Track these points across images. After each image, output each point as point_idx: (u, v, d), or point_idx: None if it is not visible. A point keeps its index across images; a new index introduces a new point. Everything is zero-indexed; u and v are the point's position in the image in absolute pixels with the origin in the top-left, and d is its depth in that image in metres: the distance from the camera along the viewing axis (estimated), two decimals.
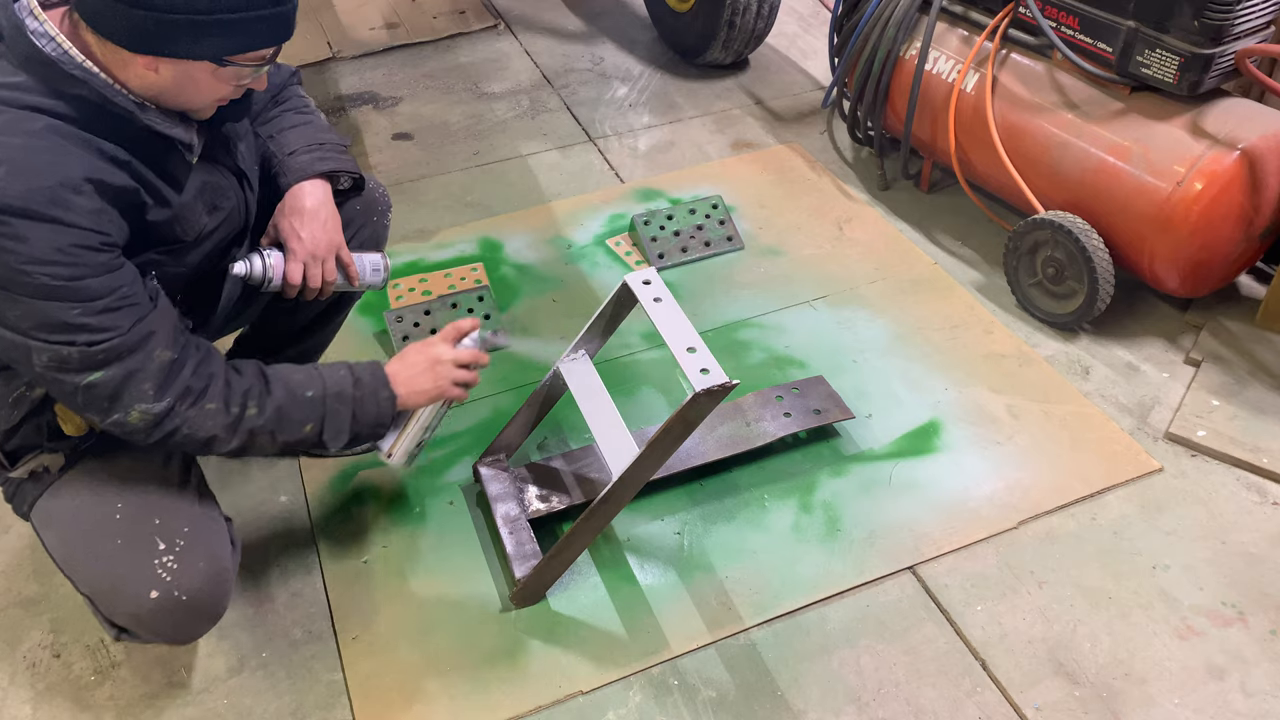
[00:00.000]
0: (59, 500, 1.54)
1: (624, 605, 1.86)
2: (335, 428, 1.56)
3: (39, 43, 1.27)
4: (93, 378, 1.34)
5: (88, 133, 1.30)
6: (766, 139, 3.25)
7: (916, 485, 2.07)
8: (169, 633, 1.55)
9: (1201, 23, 2.11)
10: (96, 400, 1.36)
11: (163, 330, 1.39)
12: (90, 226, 1.28)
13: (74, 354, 1.31)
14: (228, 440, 1.46)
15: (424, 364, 1.67)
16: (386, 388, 1.61)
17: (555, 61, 3.74)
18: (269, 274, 1.65)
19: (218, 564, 1.55)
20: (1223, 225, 2.21)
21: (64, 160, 1.27)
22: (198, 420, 1.43)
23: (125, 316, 1.34)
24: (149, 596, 1.47)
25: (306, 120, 1.75)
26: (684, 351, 1.61)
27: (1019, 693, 1.71)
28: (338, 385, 1.57)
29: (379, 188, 1.93)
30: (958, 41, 2.66)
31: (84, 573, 1.51)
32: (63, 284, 1.27)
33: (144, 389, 1.37)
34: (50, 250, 1.25)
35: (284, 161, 1.69)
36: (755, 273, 2.67)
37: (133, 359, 1.35)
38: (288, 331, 1.98)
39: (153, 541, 1.49)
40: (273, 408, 1.49)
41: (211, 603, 1.54)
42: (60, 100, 1.29)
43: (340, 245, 1.72)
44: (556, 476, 2.01)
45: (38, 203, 1.23)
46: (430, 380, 1.66)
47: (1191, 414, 2.19)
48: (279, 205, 1.68)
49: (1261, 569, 1.90)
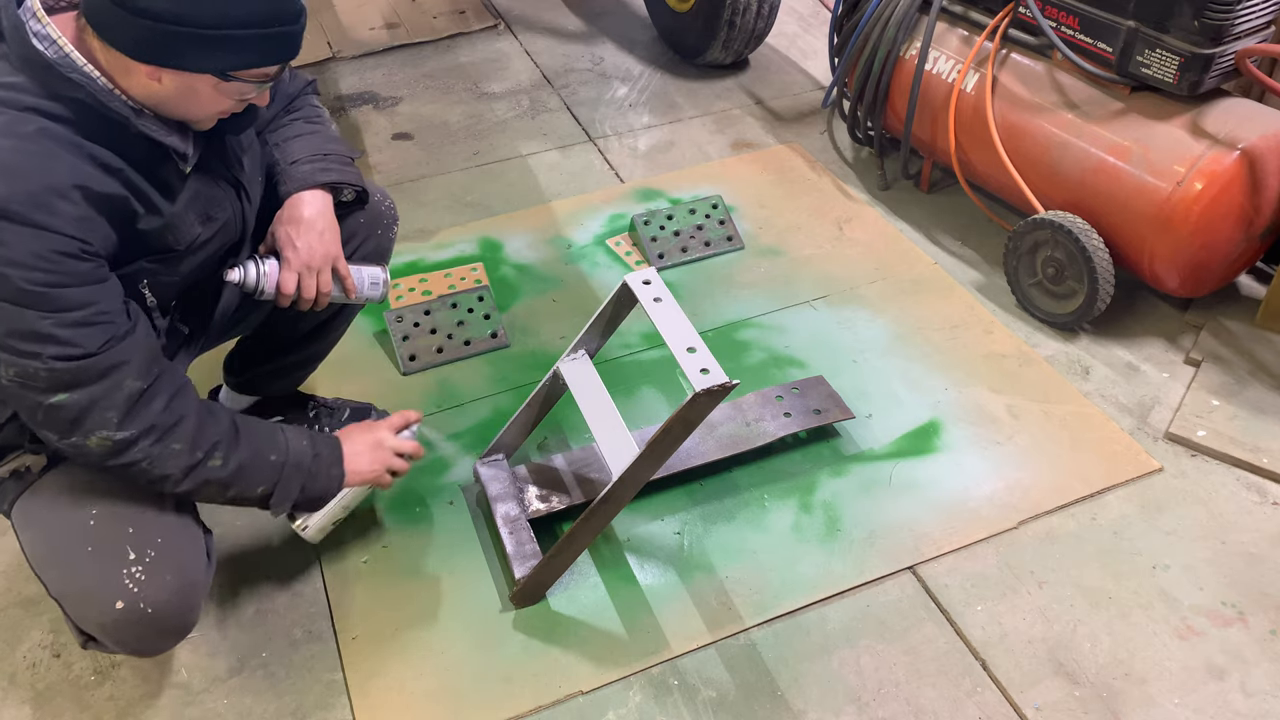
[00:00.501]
0: (37, 500, 1.52)
1: (624, 605, 1.86)
2: (284, 493, 1.58)
3: (39, 45, 1.27)
4: (57, 399, 1.32)
5: (81, 137, 1.30)
6: (766, 139, 3.25)
7: (916, 485, 2.07)
8: (133, 644, 1.52)
9: (1201, 23, 2.11)
10: (57, 421, 1.34)
11: (136, 359, 1.37)
12: (73, 234, 1.27)
13: (41, 370, 1.29)
14: (179, 482, 1.45)
15: (368, 445, 1.70)
16: (339, 465, 1.65)
17: (555, 61, 3.74)
18: (261, 282, 1.64)
19: (187, 578, 1.51)
20: (1223, 225, 2.21)
21: (52, 165, 1.26)
22: (160, 458, 1.41)
23: (97, 335, 1.31)
24: (115, 607, 1.43)
25: (314, 130, 1.74)
26: (684, 351, 1.61)
27: (1019, 693, 1.71)
28: (299, 455, 1.59)
29: (386, 200, 1.91)
30: (958, 41, 2.66)
31: (54, 576, 1.48)
32: (38, 290, 1.25)
33: (108, 416, 1.35)
34: (29, 255, 1.24)
35: (286, 170, 1.68)
36: (755, 273, 2.67)
37: (100, 385, 1.33)
38: (288, 338, 1.97)
39: (123, 551, 1.46)
40: (236, 464, 1.49)
41: (177, 617, 1.51)
42: (57, 103, 1.28)
43: (337, 257, 1.71)
44: (556, 476, 2.01)
45: (21, 205, 1.22)
46: (368, 463, 1.69)
47: (1191, 414, 2.19)
48: (277, 214, 1.67)
49: (1261, 569, 1.90)
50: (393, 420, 1.77)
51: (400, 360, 2.37)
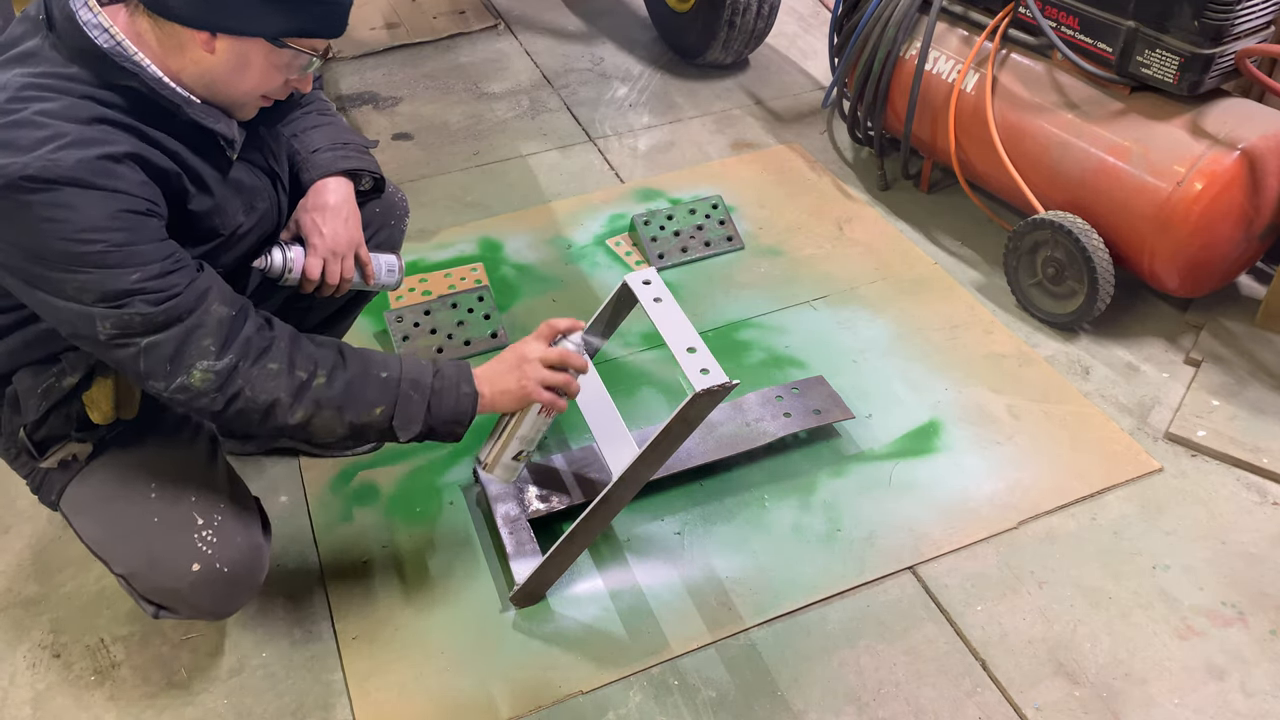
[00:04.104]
0: (89, 486, 1.56)
1: (624, 605, 1.86)
2: (407, 415, 1.49)
3: (92, 34, 1.30)
4: (153, 338, 1.33)
5: (136, 120, 1.33)
6: (766, 139, 3.25)
7: (916, 485, 2.07)
8: (209, 605, 1.58)
9: (1201, 23, 2.11)
10: (159, 363, 1.34)
11: (217, 290, 1.39)
12: (139, 194, 1.31)
13: (136, 318, 1.31)
14: (291, 407, 1.41)
15: (510, 361, 1.59)
16: (469, 383, 1.54)
17: (555, 61, 3.74)
18: (289, 267, 1.65)
19: (254, 538, 1.60)
20: (1223, 225, 2.21)
21: (111, 139, 1.30)
22: (260, 381, 1.39)
23: (181, 277, 1.35)
24: (191, 569, 1.50)
25: (329, 121, 1.77)
26: (684, 351, 1.61)
27: (1019, 693, 1.71)
28: (415, 373, 1.51)
29: (398, 192, 1.95)
30: (958, 41, 2.66)
31: (120, 552, 1.53)
32: (117, 249, 1.28)
33: (205, 345, 1.35)
34: (103, 217, 1.27)
35: (308, 159, 1.71)
36: (755, 273, 2.67)
37: (192, 317, 1.35)
38: (299, 328, 1.98)
39: (190, 517, 1.53)
40: (343, 381, 1.45)
41: (250, 574, 1.58)
42: (111, 91, 1.32)
43: (360, 243, 1.73)
44: (556, 476, 2.01)
45: (86, 172, 1.25)
46: (515, 380, 1.58)
47: (1191, 414, 2.19)
48: (301, 201, 1.70)
49: (1261, 569, 1.90)
50: (541, 330, 1.63)
51: None
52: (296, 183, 1.71)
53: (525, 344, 1.61)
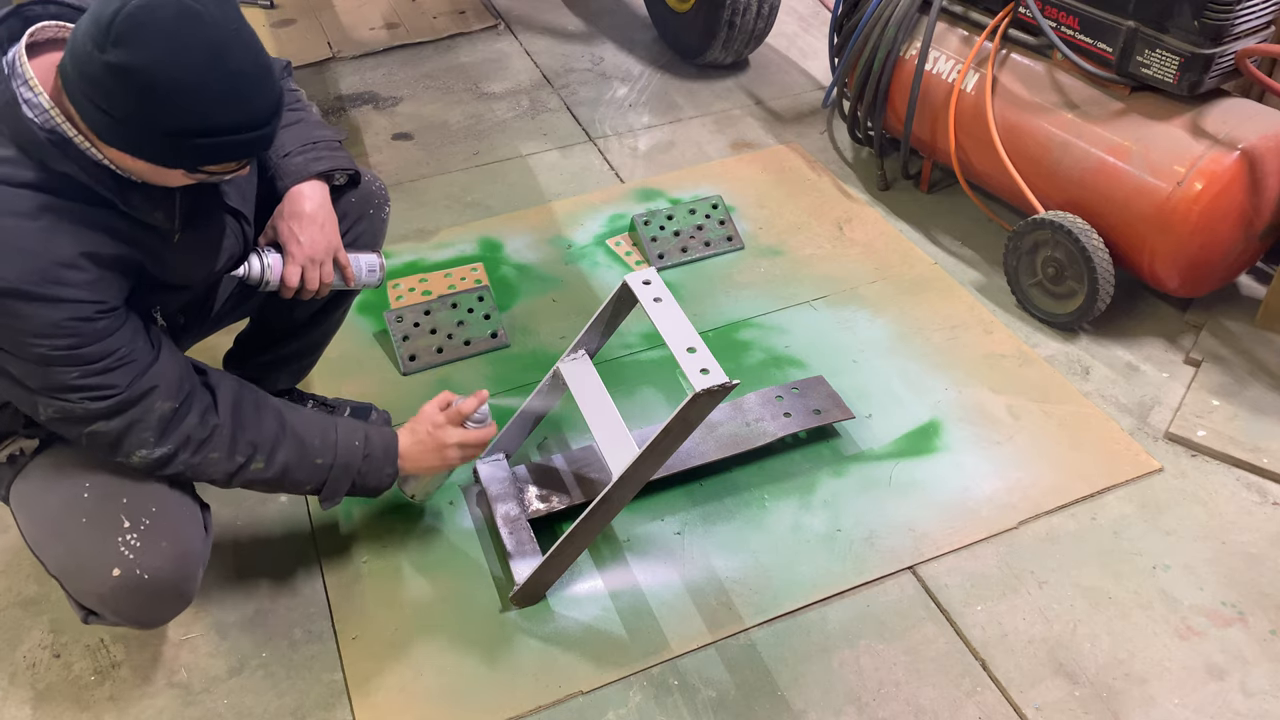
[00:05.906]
0: (30, 482, 1.55)
1: (624, 605, 1.86)
2: (333, 491, 1.66)
3: (32, 115, 1.25)
4: (95, 427, 1.41)
5: (81, 204, 1.30)
6: (766, 139, 3.25)
7: (916, 485, 2.07)
8: (132, 614, 1.53)
9: (1201, 23, 2.11)
10: (100, 445, 1.44)
11: (164, 383, 1.44)
12: (88, 298, 1.32)
13: (78, 409, 1.38)
14: (227, 484, 1.56)
15: (430, 446, 1.76)
16: (392, 465, 1.71)
17: (555, 61, 3.74)
18: (267, 275, 1.66)
19: (183, 546, 1.53)
20: (1223, 225, 2.21)
21: (56, 238, 1.28)
22: (200, 466, 1.51)
23: (124, 375, 1.39)
24: (111, 575, 1.45)
25: (298, 118, 1.73)
26: (684, 351, 1.61)
27: (1019, 693, 1.71)
28: (346, 457, 1.65)
29: (375, 181, 1.92)
30: (958, 41, 2.66)
31: (51, 552, 1.50)
32: (61, 353, 1.32)
33: (144, 437, 1.44)
34: (48, 325, 1.30)
35: (279, 165, 1.69)
36: (755, 273, 2.67)
37: (133, 411, 1.42)
38: (287, 327, 1.99)
39: (118, 519, 1.48)
40: (279, 466, 1.58)
41: (174, 585, 1.51)
42: (50, 175, 1.28)
43: (338, 248, 1.73)
44: (556, 476, 2.01)
45: (31, 283, 1.26)
46: (436, 459, 1.77)
47: (1191, 414, 2.19)
48: (278, 208, 1.68)
49: (1261, 569, 1.90)
50: (452, 416, 1.77)
51: (400, 360, 2.37)
52: (271, 186, 1.69)
53: (444, 430, 1.76)
